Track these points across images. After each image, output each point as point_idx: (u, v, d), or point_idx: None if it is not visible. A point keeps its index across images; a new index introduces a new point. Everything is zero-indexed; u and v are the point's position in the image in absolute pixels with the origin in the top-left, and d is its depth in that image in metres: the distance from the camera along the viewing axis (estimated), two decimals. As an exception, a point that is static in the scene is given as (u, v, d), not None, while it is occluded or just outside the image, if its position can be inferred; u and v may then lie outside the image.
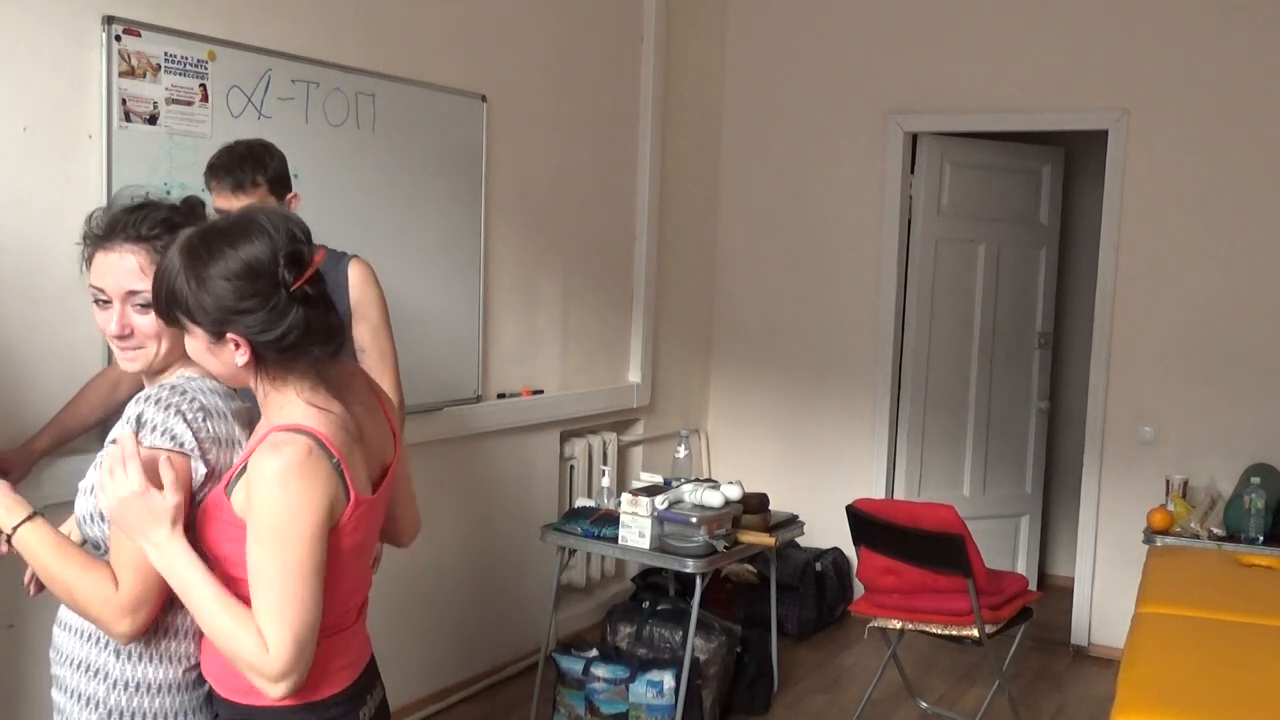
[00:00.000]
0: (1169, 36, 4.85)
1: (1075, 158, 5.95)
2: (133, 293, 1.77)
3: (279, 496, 1.59)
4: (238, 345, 1.65)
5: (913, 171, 5.43)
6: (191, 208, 1.86)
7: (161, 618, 1.73)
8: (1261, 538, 4.26)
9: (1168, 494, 4.70)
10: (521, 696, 4.33)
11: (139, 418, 1.70)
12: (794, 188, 5.65)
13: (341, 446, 1.67)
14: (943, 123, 5.36)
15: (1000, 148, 5.56)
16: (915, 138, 5.42)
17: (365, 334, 2.95)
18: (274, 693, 1.60)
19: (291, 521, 1.59)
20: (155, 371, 1.84)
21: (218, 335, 1.65)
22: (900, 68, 5.38)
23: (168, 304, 1.67)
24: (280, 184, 2.81)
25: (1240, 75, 4.74)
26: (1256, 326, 4.77)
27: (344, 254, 2.98)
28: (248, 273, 1.62)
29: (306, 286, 1.65)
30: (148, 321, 1.77)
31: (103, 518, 1.72)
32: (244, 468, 1.67)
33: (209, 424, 1.74)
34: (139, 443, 1.67)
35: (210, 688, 1.77)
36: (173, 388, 1.75)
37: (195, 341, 1.69)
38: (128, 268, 1.77)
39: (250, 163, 2.75)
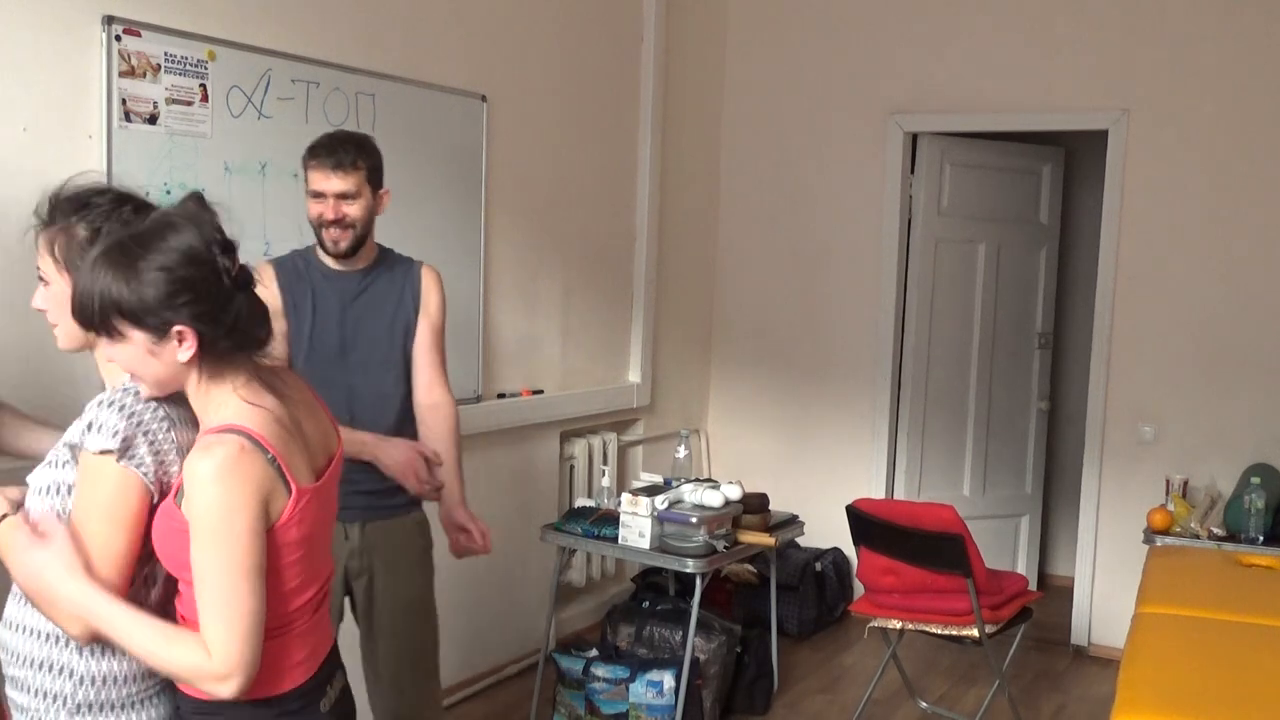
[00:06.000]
0: (1169, 37, 4.85)
1: (1075, 158, 5.95)
2: None
3: (213, 496, 1.59)
4: (182, 339, 1.63)
5: (913, 171, 5.43)
6: (143, 202, 1.85)
7: None
8: (1261, 538, 4.26)
9: (1168, 494, 4.70)
10: (521, 696, 4.32)
11: (91, 423, 1.69)
12: (794, 188, 5.65)
13: (277, 441, 1.66)
14: (943, 123, 5.36)
15: (1000, 148, 5.56)
16: (915, 138, 5.41)
17: (428, 336, 2.94)
18: (222, 692, 1.60)
19: (227, 520, 1.59)
20: (90, 346, 1.82)
21: (162, 331, 1.62)
22: (900, 68, 5.38)
23: (103, 314, 1.63)
24: (376, 175, 2.82)
25: (1240, 75, 4.74)
26: (1256, 326, 4.77)
27: (412, 260, 2.99)
28: (187, 261, 1.61)
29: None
30: None
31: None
32: None
33: (173, 434, 1.73)
34: (85, 448, 1.67)
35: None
36: (137, 393, 1.72)
37: (132, 348, 1.64)
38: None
39: (353, 146, 2.77)
